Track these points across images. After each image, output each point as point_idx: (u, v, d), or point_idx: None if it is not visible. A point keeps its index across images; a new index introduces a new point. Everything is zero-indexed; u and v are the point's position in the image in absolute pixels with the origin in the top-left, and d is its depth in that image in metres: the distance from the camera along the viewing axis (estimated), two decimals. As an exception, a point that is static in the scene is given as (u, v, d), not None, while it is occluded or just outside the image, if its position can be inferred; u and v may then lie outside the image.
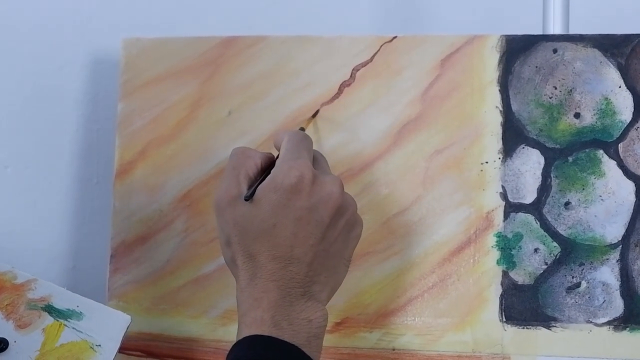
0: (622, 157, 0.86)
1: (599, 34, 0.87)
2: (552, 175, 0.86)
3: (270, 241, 0.76)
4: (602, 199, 0.85)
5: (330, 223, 0.77)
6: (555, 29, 0.90)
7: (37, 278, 0.85)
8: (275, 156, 0.81)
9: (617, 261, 0.85)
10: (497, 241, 0.86)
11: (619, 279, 0.84)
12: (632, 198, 0.85)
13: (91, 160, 1.02)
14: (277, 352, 0.73)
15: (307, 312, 0.75)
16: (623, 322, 0.84)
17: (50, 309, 0.84)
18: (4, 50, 1.02)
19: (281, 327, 0.74)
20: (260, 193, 0.77)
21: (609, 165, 0.86)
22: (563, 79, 0.87)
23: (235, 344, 0.74)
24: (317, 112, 0.89)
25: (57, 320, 0.84)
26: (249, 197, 0.77)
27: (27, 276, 0.85)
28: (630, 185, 0.85)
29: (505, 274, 0.86)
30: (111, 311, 0.86)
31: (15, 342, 0.82)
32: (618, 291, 0.84)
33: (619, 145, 0.86)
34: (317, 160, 0.82)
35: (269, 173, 0.79)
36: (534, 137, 0.87)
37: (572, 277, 0.85)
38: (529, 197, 0.87)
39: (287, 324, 0.74)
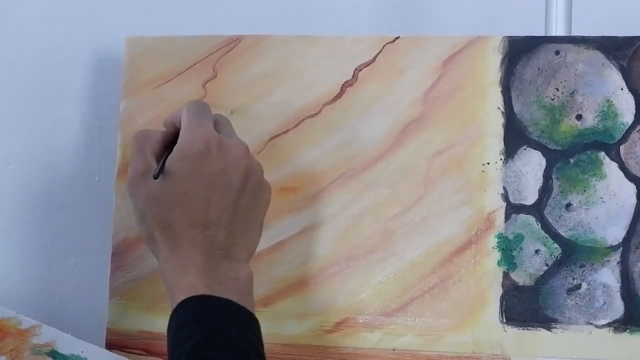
0: (623, 159, 0.86)
1: (602, 36, 0.87)
2: (553, 177, 0.87)
3: (185, 209, 0.77)
4: (603, 201, 0.86)
5: (240, 186, 0.78)
6: (558, 30, 0.90)
7: (41, 324, 0.85)
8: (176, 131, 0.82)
9: (618, 263, 0.85)
10: (498, 242, 0.86)
11: (620, 280, 0.84)
12: (633, 200, 0.85)
13: (93, 158, 1.02)
14: (216, 307, 0.75)
15: (233, 272, 0.77)
16: (623, 324, 0.84)
17: (54, 354, 0.84)
18: (6, 47, 1.02)
19: (213, 288, 0.75)
20: (169, 165, 0.78)
21: (611, 167, 0.86)
22: (565, 81, 0.87)
23: (173, 311, 0.75)
24: None
25: None
26: (158, 174, 0.78)
27: (32, 322, 0.85)
28: (631, 188, 0.85)
29: (506, 275, 0.86)
30: (114, 357, 0.87)
31: None
32: (618, 293, 0.84)
33: (621, 147, 0.86)
34: (220, 124, 0.82)
35: (169, 148, 0.80)
36: (536, 139, 0.87)
37: (573, 279, 0.85)
38: (530, 198, 0.87)
39: (218, 284, 0.76)
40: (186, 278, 0.76)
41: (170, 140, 0.82)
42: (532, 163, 0.87)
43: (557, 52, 0.88)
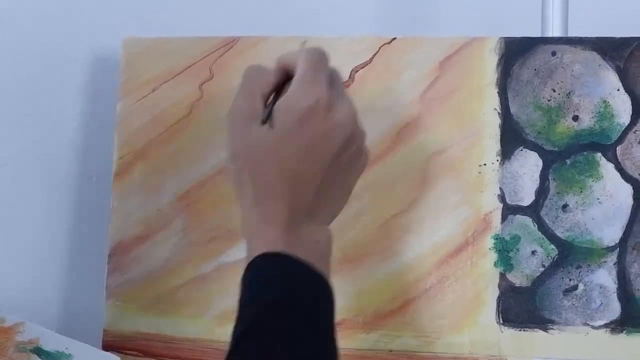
0: (620, 160, 0.86)
1: (598, 37, 0.87)
2: (550, 178, 0.87)
3: (280, 162, 0.75)
4: (599, 202, 0.86)
5: (338, 152, 0.76)
6: (554, 31, 0.90)
7: (24, 321, 0.85)
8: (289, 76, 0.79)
9: (615, 264, 0.85)
10: (494, 243, 0.86)
11: (616, 281, 0.84)
12: (630, 201, 0.85)
13: (90, 159, 1.02)
14: (291, 269, 0.73)
15: (314, 234, 0.76)
16: (620, 325, 0.84)
17: (39, 352, 0.84)
18: (4, 48, 1.02)
19: (294, 247, 0.74)
20: (275, 113, 0.76)
21: (607, 168, 0.86)
22: (562, 82, 0.87)
23: (250, 262, 0.74)
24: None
25: None
26: (266, 120, 0.76)
27: (15, 319, 0.85)
28: (627, 188, 0.85)
29: (502, 276, 0.86)
30: (100, 353, 0.86)
31: None
32: (615, 294, 0.84)
33: (617, 148, 0.86)
34: (334, 81, 0.79)
35: (279, 92, 0.78)
36: (533, 140, 0.87)
37: (570, 280, 0.85)
38: (527, 199, 0.87)
39: (299, 244, 0.74)
40: (267, 232, 0.74)
41: (281, 83, 0.79)
42: (528, 164, 0.87)
43: (554, 53, 0.88)
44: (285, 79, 0.79)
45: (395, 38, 0.91)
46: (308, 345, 0.70)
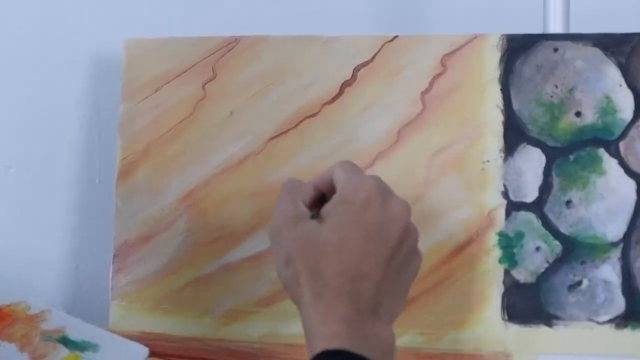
0: (623, 155, 0.86)
1: (600, 33, 0.87)
2: (553, 174, 0.87)
3: (338, 255, 0.72)
4: (603, 197, 0.86)
5: (396, 244, 0.74)
6: (556, 28, 0.90)
7: (51, 308, 0.83)
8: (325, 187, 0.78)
9: (619, 259, 0.85)
10: (498, 240, 0.86)
11: (621, 276, 0.84)
12: (633, 196, 0.85)
13: (93, 161, 1.02)
14: None
15: (378, 331, 0.72)
16: (625, 320, 0.84)
17: (65, 341, 0.82)
18: (5, 50, 1.02)
19: (355, 342, 0.70)
20: (327, 210, 0.75)
21: (610, 163, 0.86)
22: (564, 78, 0.87)
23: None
24: None
25: (73, 352, 0.82)
26: (314, 216, 0.75)
27: (41, 307, 0.83)
28: (631, 184, 0.85)
29: (507, 272, 0.86)
30: (128, 343, 0.84)
31: None
32: (619, 289, 0.84)
33: (620, 143, 0.86)
34: (380, 181, 0.77)
35: (321, 204, 0.76)
36: (535, 136, 0.87)
37: (574, 276, 0.85)
38: (531, 195, 0.87)
39: (362, 339, 0.71)
40: (329, 327, 0.70)
41: (320, 198, 0.77)
42: (531, 160, 0.87)
43: (556, 50, 0.88)
44: (322, 194, 0.77)
45: (397, 36, 0.91)
46: None
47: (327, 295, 0.71)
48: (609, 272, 0.85)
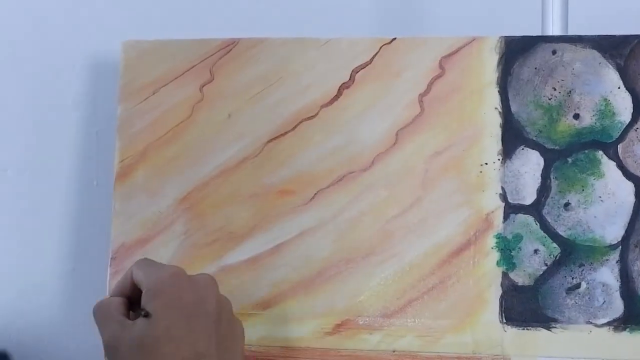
0: (621, 158, 0.86)
1: (598, 35, 0.87)
2: (551, 177, 0.87)
3: (170, 345, 0.73)
4: (601, 200, 0.86)
5: (217, 315, 0.76)
6: (554, 30, 0.90)
7: None
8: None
9: (617, 262, 0.85)
10: (496, 242, 0.86)
11: (619, 279, 0.84)
12: (632, 199, 0.85)
13: (91, 163, 1.02)
14: None
15: None
16: (623, 323, 0.84)
17: None
18: (3, 52, 1.02)
19: None
20: (143, 307, 0.75)
21: (609, 166, 0.86)
22: (562, 80, 0.87)
23: None
24: None
25: None
26: (145, 314, 0.75)
27: None
28: (629, 186, 0.85)
29: (505, 275, 0.86)
30: None
31: None
32: (618, 292, 0.84)
33: (619, 146, 0.86)
34: (177, 268, 0.79)
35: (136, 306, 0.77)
36: (534, 138, 0.87)
37: (572, 278, 0.85)
38: (529, 198, 0.87)
39: None
40: None
41: (130, 302, 0.79)
42: (530, 163, 0.87)
43: (554, 52, 0.88)
44: (130, 298, 0.79)
45: (395, 38, 0.91)
46: None
47: None
48: (608, 275, 0.85)
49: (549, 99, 0.87)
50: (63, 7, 1.03)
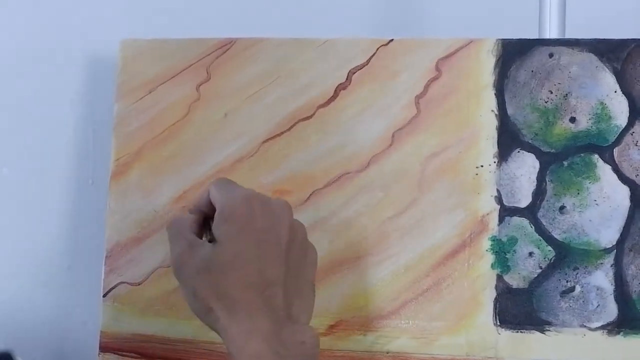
0: (617, 161, 0.86)
1: (595, 39, 0.87)
2: (547, 180, 0.87)
3: (239, 272, 0.74)
4: (596, 204, 0.86)
5: (288, 243, 0.76)
6: (552, 33, 0.90)
7: None
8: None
9: (612, 266, 0.85)
10: (491, 245, 0.86)
11: (613, 283, 0.84)
12: (627, 203, 0.85)
13: (87, 161, 1.02)
14: None
15: (298, 335, 0.74)
16: (617, 327, 0.84)
17: None
18: (0, 50, 1.02)
19: (280, 355, 0.72)
20: (214, 230, 0.76)
21: (604, 169, 0.86)
22: (559, 84, 0.87)
23: None
24: None
25: None
26: (211, 240, 0.76)
27: None
28: (625, 190, 0.85)
29: (499, 277, 0.86)
30: None
31: None
32: (612, 296, 0.84)
33: (614, 149, 0.86)
34: (253, 191, 0.80)
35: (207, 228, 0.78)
36: (530, 141, 0.87)
37: (567, 282, 0.85)
38: (524, 201, 0.87)
39: (285, 350, 0.72)
40: (251, 345, 0.72)
41: (204, 222, 0.79)
42: (525, 166, 0.87)
43: (551, 55, 0.88)
44: (204, 217, 0.79)
45: (392, 39, 0.91)
46: None
47: (240, 313, 0.73)
48: (602, 278, 0.85)
49: (546, 102, 0.87)
50: (61, 5, 1.03)
